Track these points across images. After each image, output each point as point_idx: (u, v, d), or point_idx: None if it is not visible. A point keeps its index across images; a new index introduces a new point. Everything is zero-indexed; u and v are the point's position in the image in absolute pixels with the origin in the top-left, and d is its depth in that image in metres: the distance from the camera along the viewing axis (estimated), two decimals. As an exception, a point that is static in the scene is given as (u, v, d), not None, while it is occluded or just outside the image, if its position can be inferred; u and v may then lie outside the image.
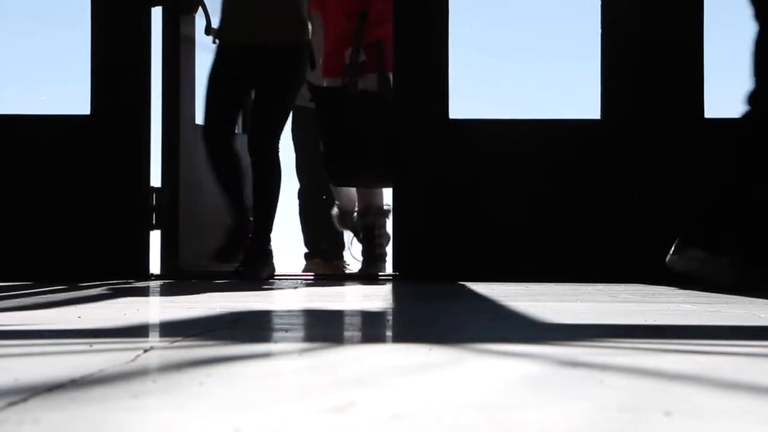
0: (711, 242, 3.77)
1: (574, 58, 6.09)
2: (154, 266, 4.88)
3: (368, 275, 5.04)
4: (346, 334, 2.04)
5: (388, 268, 5.04)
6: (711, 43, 4.95)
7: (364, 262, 5.19)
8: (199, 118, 5.01)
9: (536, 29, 6.31)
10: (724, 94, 5.99)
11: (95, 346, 1.56)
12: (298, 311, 2.65)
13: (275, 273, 4.67)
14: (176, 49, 4.93)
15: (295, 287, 4.00)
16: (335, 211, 5.27)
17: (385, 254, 5.24)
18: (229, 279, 4.42)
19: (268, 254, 4.59)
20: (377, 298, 3.25)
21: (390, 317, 2.37)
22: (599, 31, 4.94)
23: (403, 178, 4.89)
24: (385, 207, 5.19)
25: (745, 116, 3.76)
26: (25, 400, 1.03)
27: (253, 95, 4.77)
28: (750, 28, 3.77)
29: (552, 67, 6.19)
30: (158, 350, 1.51)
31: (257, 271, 4.48)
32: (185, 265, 4.84)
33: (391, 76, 4.91)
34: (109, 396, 1.07)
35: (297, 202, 5.71)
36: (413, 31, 4.88)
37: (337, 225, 5.29)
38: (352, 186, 5.13)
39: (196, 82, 5.03)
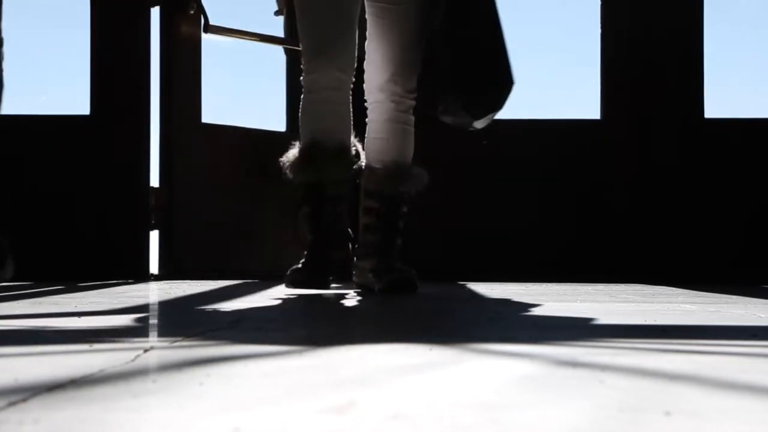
0: None
1: (575, 58, 6.09)
2: (153, 266, 4.88)
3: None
4: (346, 334, 2.04)
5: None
6: (711, 43, 4.95)
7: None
8: (208, 117, 4.98)
9: (536, 29, 6.31)
10: (724, 94, 5.99)
11: (95, 346, 1.56)
12: (297, 311, 2.65)
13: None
14: (173, 48, 4.93)
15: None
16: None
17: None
18: (225, 279, 4.42)
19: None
20: (377, 298, 3.25)
21: (390, 317, 2.36)
22: (599, 30, 4.95)
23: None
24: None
25: None
26: (25, 400, 1.03)
27: None
28: (750, 28, 3.76)
29: (552, 67, 6.19)
30: (158, 350, 1.51)
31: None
32: (184, 265, 4.84)
33: None
34: (109, 396, 1.07)
35: None
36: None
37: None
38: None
39: (201, 81, 5.02)
